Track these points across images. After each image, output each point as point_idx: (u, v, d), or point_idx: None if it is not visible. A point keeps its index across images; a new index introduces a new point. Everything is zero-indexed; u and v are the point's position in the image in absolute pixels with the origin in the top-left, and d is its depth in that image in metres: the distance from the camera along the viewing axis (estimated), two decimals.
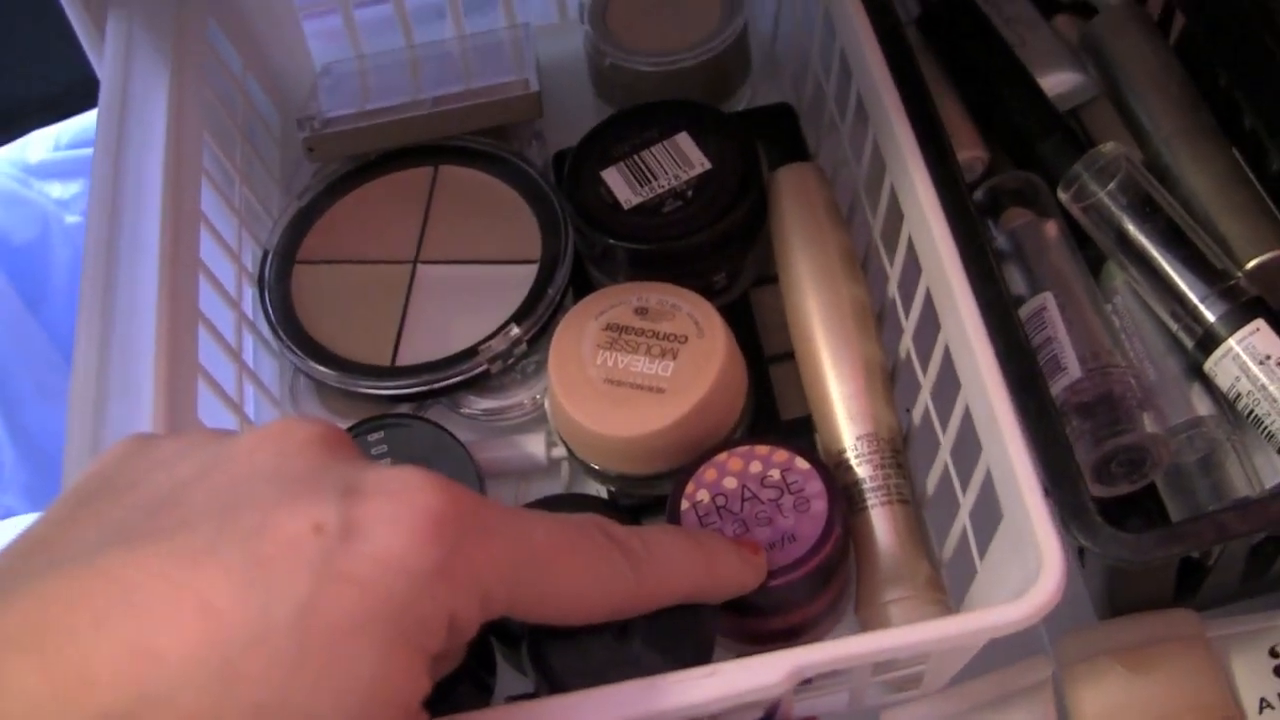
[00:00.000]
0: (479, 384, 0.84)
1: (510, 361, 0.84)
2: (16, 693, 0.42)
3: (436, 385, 0.83)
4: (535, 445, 0.84)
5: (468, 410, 0.85)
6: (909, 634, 0.59)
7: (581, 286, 0.86)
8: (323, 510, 0.47)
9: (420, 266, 0.89)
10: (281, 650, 0.44)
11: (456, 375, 0.83)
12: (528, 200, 0.91)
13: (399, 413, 0.82)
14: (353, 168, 0.94)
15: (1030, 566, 0.59)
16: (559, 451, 0.82)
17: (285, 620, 0.44)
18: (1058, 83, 0.88)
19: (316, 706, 0.45)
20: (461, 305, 0.87)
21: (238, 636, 0.44)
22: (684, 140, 0.83)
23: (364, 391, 0.83)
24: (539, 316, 0.84)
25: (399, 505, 0.48)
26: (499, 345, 0.83)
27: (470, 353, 0.83)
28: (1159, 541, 0.65)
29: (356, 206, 0.93)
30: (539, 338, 0.84)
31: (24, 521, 1.51)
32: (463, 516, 0.49)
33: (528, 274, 0.87)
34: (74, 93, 1.17)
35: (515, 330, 0.84)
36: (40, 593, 0.44)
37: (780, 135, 0.93)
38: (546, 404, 0.81)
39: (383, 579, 0.46)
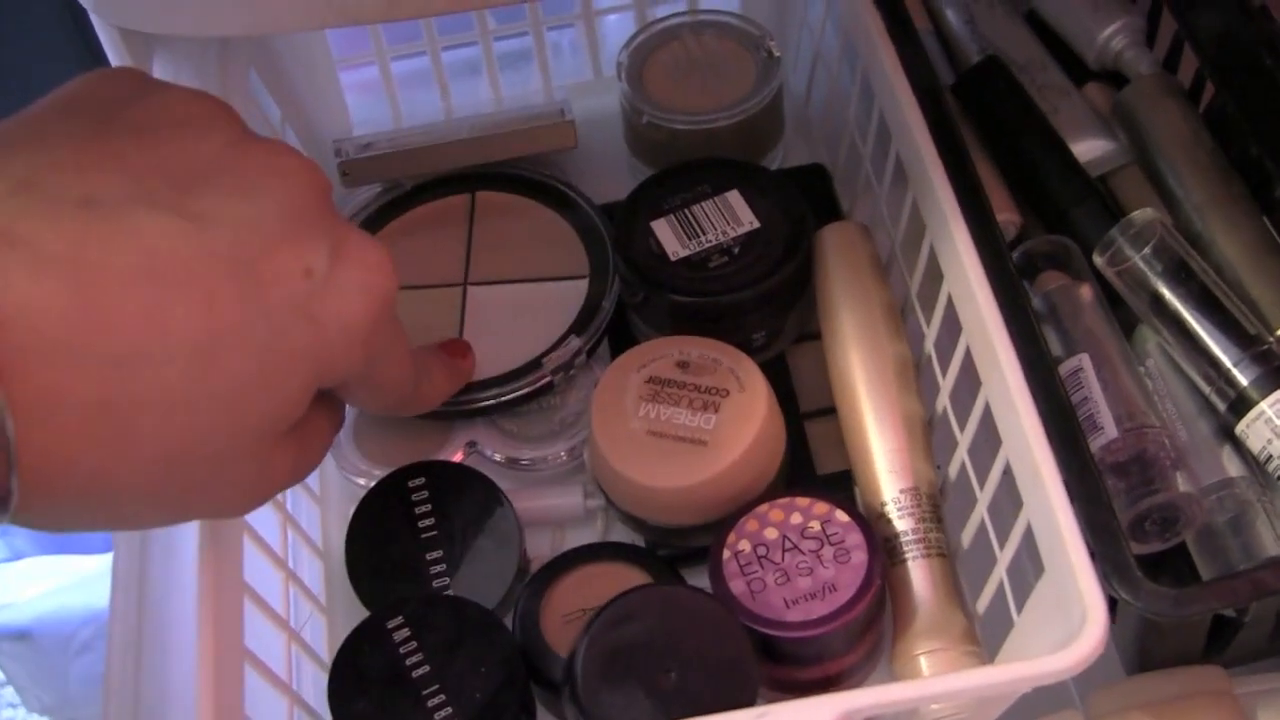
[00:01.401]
0: (544, 396, 0.86)
1: (571, 373, 0.86)
2: (43, 309, 0.48)
3: (505, 398, 0.85)
4: (572, 495, 0.85)
5: (505, 459, 0.86)
6: (961, 680, 0.60)
7: (623, 334, 0.88)
8: (315, 258, 0.57)
9: (471, 288, 0.91)
10: (251, 357, 0.54)
11: (524, 387, 0.85)
12: (567, 218, 0.93)
13: (439, 460, 0.83)
14: (388, 201, 0.96)
15: (1072, 619, 0.60)
16: (595, 501, 0.84)
17: (262, 336, 0.54)
18: (1089, 149, 0.89)
19: (249, 401, 0.55)
20: (517, 322, 0.89)
21: (224, 337, 0.52)
22: (735, 198, 0.84)
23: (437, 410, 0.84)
24: (596, 327, 0.87)
25: (371, 279, 0.60)
26: (561, 357, 0.85)
27: (534, 365, 0.85)
28: (1198, 596, 0.66)
29: (398, 238, 0.94)
30: (596, 348, 0.87)
31: (36, 563, 1.51)
32: (394, 305, 0.63)
33: (579, 288, 0.89)
34: None
35: (575, 341, 0.86)
36: (76, 230, 0.50)
37: (813, 196, 0.94)
38: (586, 455, 0.82)
39: (336, 333, 0.58)
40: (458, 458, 0.85)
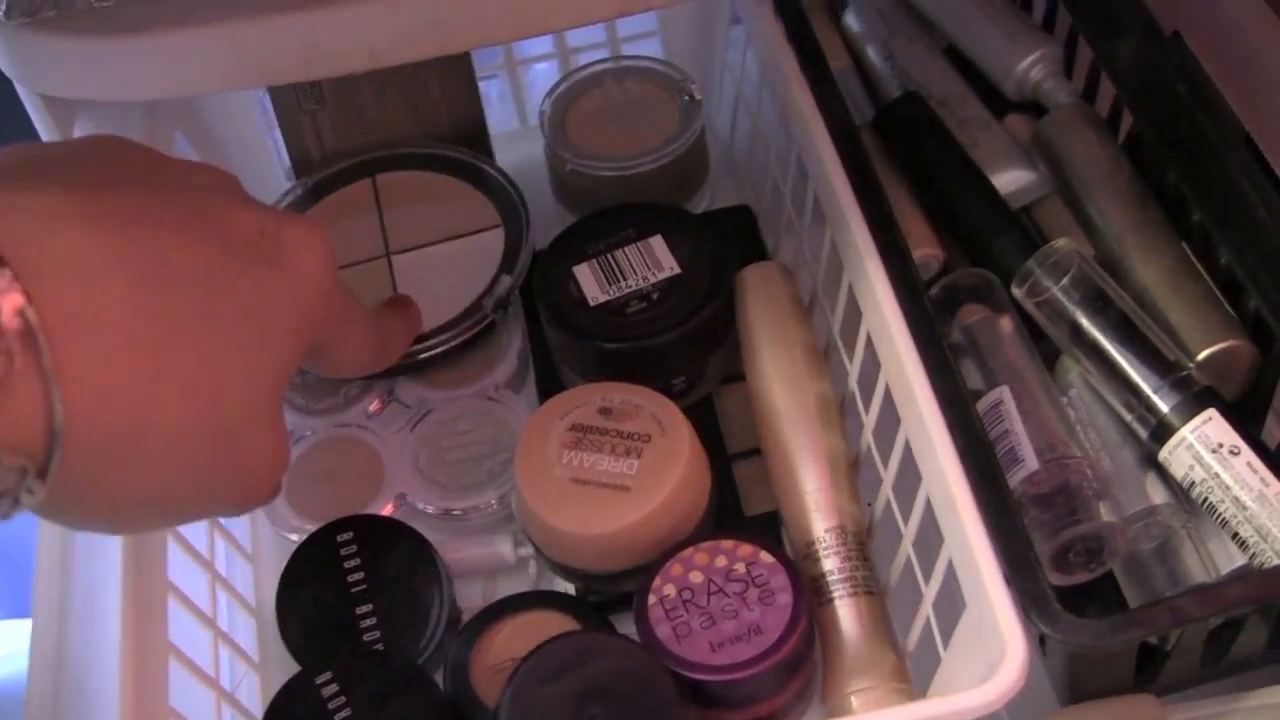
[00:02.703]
0: (487, 336, 0.90)
1: (509, 308, 0.90)
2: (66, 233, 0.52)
3: (454, 342, 0.88)
4: (502, 544, 0.84)
5: (436, 510, 0.85)
6: (883, 718, 0.60)
7: (550, 379, 0.89)
8: (263, 219, 0.61)
9: (394, 257, 0.93)
10: (244, 292, 0.58)
11: (469, 330, 0.88)
12: (467, 179, 0.96)
13: (367, 514, 0.82)
14: (295, 199, 0.97)
15: (994, 653, 0.60)
16: (526, 550, 0.83)
17: (246, 272, 0.58)
18: (1010, 181, 0.90)
19: (255, 337, 0.58)
20: (447, 279, 0.91)
21: (216, 270, 0.57)
22: (657, 243, 0.85)
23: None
24: (523, 265, 0.90)
25: (313, 236, 0.63)
26: (498, 292, 0.88)
27: (474, 308, 0.89)
28: (1117, 627, 0.66)
29: None
30: (525, 287, 0.90)
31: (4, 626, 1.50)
32: (337, 267, 0.65)
33: (496, 237, 0.92)
34: None
35: (507, 279, 0.89)
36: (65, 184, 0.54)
37: (739, 236, 0.95)
38: (513, 503, 0.82)
39: (304, 282, 0.61)
40: (388, 510, 0.85)
